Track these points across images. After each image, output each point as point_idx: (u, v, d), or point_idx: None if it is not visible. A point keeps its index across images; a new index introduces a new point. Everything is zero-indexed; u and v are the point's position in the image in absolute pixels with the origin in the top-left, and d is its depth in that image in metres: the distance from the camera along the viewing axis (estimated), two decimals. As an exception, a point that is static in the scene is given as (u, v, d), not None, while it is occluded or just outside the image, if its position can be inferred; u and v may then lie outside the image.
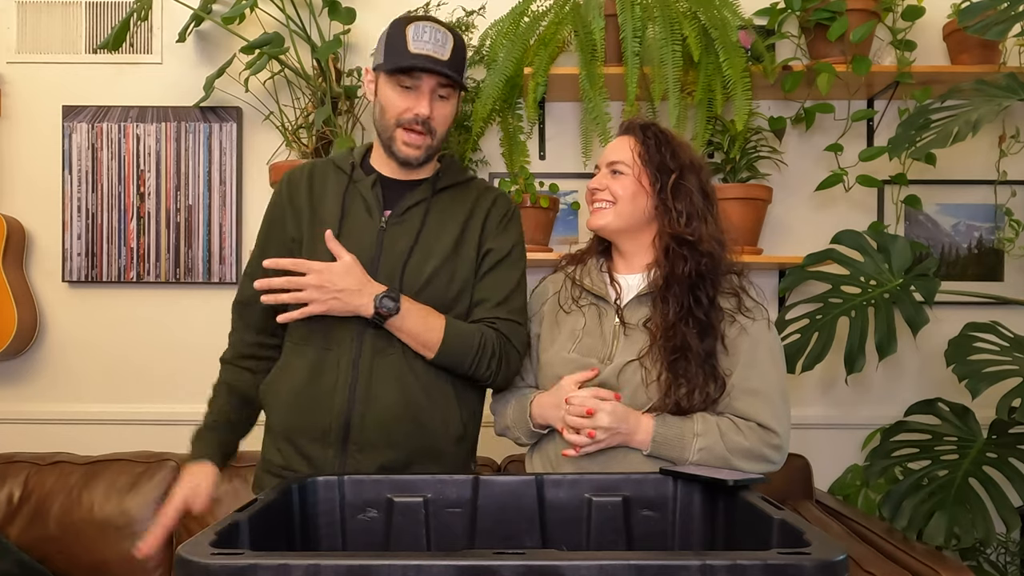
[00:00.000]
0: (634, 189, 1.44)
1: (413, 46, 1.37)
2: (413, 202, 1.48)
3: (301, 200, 1.49)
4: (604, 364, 1.42)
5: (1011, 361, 1.85)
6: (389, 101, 1.42)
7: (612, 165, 1.47)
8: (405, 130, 1.42)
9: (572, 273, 1.54)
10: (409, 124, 1.41)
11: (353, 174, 1.50)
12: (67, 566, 2.14)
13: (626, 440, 1.36)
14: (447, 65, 1.39)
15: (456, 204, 1.51)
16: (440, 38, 1.39)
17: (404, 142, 1.43)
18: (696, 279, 1.39)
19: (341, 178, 1.50)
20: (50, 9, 2.55)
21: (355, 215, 1.46)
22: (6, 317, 2.38)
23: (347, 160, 1.52)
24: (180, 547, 0.77)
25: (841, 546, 0.77)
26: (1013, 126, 2.44)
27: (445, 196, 1.51)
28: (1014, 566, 2.27)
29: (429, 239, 1.46)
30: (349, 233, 1.44)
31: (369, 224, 1.46)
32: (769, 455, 1.38)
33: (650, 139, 1.46)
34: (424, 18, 1.41)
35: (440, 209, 1.49)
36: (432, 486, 1.15)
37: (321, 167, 1.54)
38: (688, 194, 1.43)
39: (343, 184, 1.49)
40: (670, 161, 1.44)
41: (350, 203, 1.47)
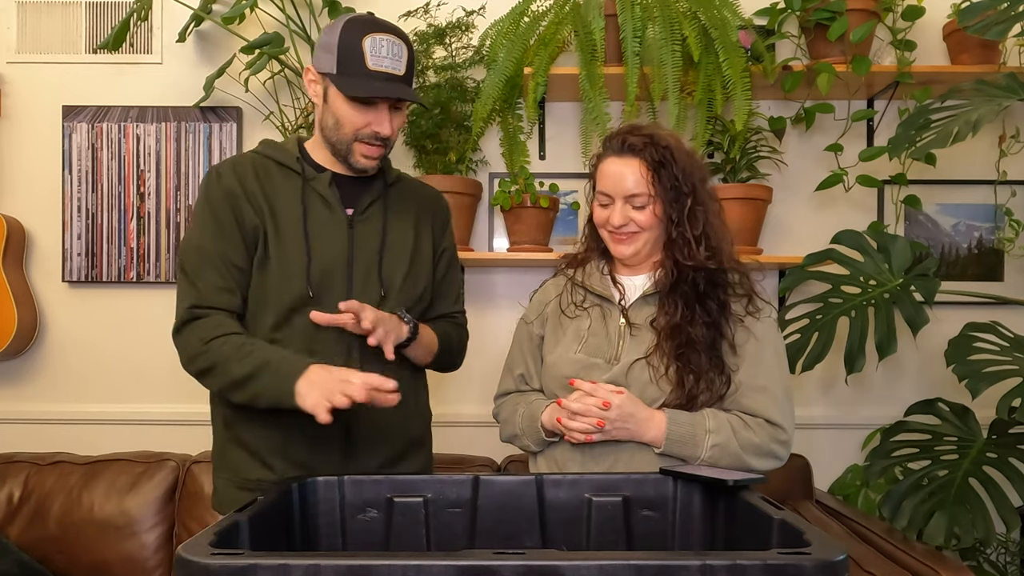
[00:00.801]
0: (653, 220, 1.42)
1: (371, 62, 1.34)
2: (371, 199, 1.49)
3: (256, 193, 1.43)
4: (611, 364, 1.42)
5: (1011, 361, 1.85)
6: (345, 116, 1.39)
7: (631, 199, 1.41)
8: (363, 144, 1.41)
9: (573, 276, 1.54)
10: (368, 139, 1.41)
11: (305, 172, 1.46)
12: (67, 566, 2.14)
13: (635, 435, 1.36)
14: (405, 80, 1.38)
15: (406, 201, 1.54)
16: (396, 51, 1.36)
17: (363, 155, 1.42)
18: (707, 288, 1.40)
19: (291, 176, 1.46)
20: (50, 9, 2.55)
21: (316, 214, 1.44)
22: (6, 317, 2.38)
23: (290, 156, 1.47)
24: (180, 547, 0.77)
25: (841, 546, 0.77)
26: (1013, 126, 2.44)
27: (394, 192, 1.54)
28: (1014, 566, 2.27)
29: (394, 238, 1.49)
30: (316, 233, 1.43)
31: (333, 223, 1.45)
32: (778, 451, 1.39)
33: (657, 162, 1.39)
34: (378, 27, 1.37)
35: (395, 206, 1.52)
36: (432, 486, 1.15)
37: (260, 161, 1.48)
38: (703, 215, 1.41)
39: (297, 182, 1.45)
40: (683, 185, 1.39)
41: (310, 202, 1.45)
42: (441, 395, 2.53)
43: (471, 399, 2.48)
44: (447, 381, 2.52)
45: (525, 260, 2.35)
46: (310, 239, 1.41)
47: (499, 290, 2.52)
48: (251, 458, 1.44)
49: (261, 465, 1.44)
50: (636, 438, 1.36)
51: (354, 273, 1.43)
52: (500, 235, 2.52)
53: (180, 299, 1.42)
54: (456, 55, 2.42)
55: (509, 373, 1.60)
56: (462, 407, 2.50)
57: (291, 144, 1.51)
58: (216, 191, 1.43)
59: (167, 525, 2.19)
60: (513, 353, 1.61)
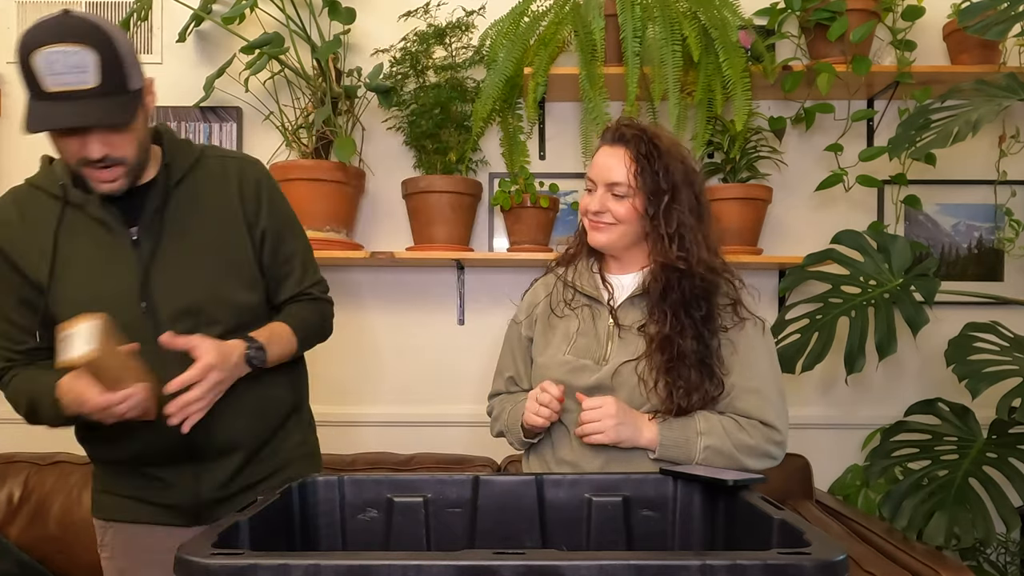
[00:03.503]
0: (640, 211, 1.41)
1: (49, 83, 1.13)
2: (154, 209, 1.32)
3: (17, 239, 1.29)
4: (599, 365, 1.42)
5: (1011, 361, 1.85)
6: (55, 145, 1.22)
7: (611, 187, 1.41)
8: (90, 169, 1.23)
9: (563, 275, 1.54)
10: (91, 165, 1.22)
11: (68, 197, 1.29)
12: (67, 566, 2.14)
13: (633, 437, 1.36)
14: (101, 91, 1.15)
15: (199, 197, 1.37)
16: (75, 61, 1.13)
17: (98, 180, 1.24)
18: (690, 298, 1.38)
19: (54, 203, 1.30)
20: (50, 9, 2.53)
21: (93, 239, 1.29)
22: (6, 317, 2.38)
23: (55, 182, 1.30)
24: (180, 547, 0.77)
25: (841, 546, 0.77)
26: (1013, 126, 2.44)
27: (181, 193, 1.35)
28: (1014, 566, 2.27)
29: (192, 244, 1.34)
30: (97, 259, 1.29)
31: (115, 245, 1.30)
32: (772, 451, 1.39)
33: (643, 155, 1.39)
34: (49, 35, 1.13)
35: (182, 210, 1.35)
36: (432, 486, 1.14)
37: (26, 194, 1.33)
38: (680, 216, 1.39)
39: (56, 209, 1.29)
40: (663, 181, 1.39)
41: (71, 229, 1.28)
42: (441, 395, 2.53)
43: (470, 399, 2.48)
44: (447, 381, 2.53)
45: (525, 260, 2.36)
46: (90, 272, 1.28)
47: (499, 290, 2.52)
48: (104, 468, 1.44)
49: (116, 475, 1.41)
50: (634, 440, 1.36)
51: (153, 297, 1.30)
52: (500, 235, 2.52)
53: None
54: (456, 55, 2.42)
55: (500, 375, 1.61)
56: (462, 407, 2.50)
57: (60, 167, 1.32)
58: None
59: (167, 525, 2.19)
60: (503, 355, 1.61)
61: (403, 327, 2.53)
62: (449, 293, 2.53)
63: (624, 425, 1.35)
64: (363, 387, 2.52)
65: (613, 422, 1.34)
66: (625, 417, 1.35)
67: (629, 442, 1.36)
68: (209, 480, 1.39)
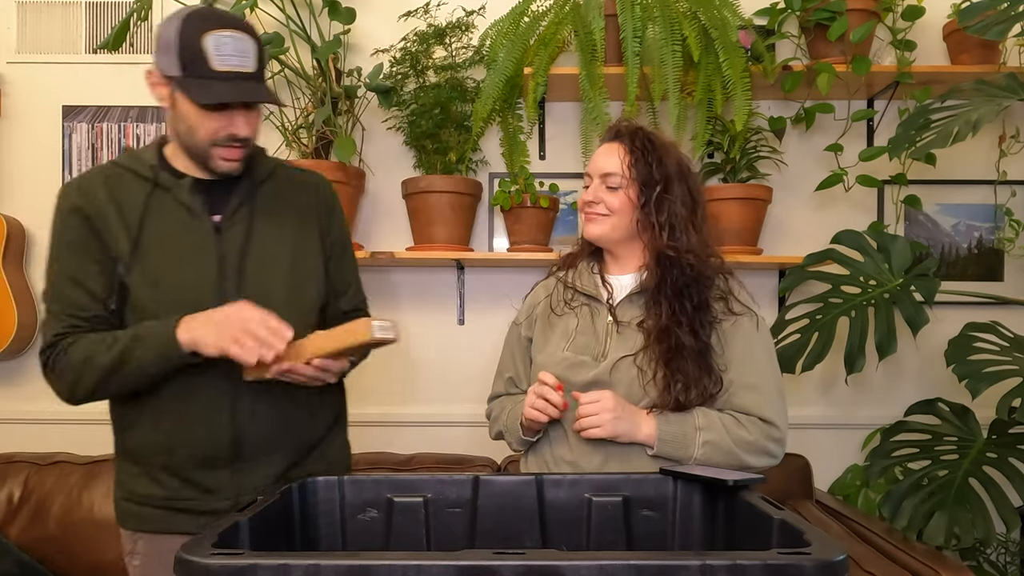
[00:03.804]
0: (626, 203, 1.44)
1: (216, 63, 1.24)
2: (239, 202, 1.38)
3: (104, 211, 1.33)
4: (598, 361, 1.42)
5: (1011, 361, 1.85)
6: (197, 122, 1.29)
7: (605, 178, 1.45)
8: (222, 147, 1.31)
9: (563, 277, 1.55)
10: (226, 143, 1.31)
11: (158, 179, 1.36)
12: (67, 566, 2.14)
13: (631, 432, 1.36)
14: (256, 77, 1.28)
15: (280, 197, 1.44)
16: (242, 46, 1.26)
17: (222, 158, 1.33)
18: (682, 286, 1.40)
19: (143, 184, 1.36)
20: (50, 9, 2.55)
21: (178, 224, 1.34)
22: (6, 317, 2.38)
23: (144, 164, 1.37)
24: (180, 547, 0.77)
25: (841, 546, 0.77)
26: (1013, 126, 2.44)
27: (266, 190, 1.43)
28: (1014, 566, 2.27)
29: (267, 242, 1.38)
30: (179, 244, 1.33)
31: (198, 233, 1.35)
32: (772, 448, 1.39)
33: (638, 148, 1.44)
34: (220, 22, 1.26)
35: (266, 206, 1.41)
36: (432, 486, 1.14)
37: (113, 173, 1.37)
38: (671, 206, 1.42)
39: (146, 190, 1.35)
40: (656, 172, 1.42)
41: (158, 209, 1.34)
42: (441, 395, 2.53)
43: (470, 399, 2.48)
44: (447, 381, 2.53)
45: (525, 260, 2.36)
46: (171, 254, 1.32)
47: (499, 290, 2.52)
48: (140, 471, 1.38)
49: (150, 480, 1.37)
50: (631, 434, 1.36)
51: (226, 287, 1.33)
52: (500, 235, 2.52)
53: (43, 335, 1.35)
54: (456, 55, 2.42)
55: (500, 377, 1.61)
56: (461, 407, 2.50)
57: (150, 151, 1.39)
58: (62, 216, 1.35)
59: (167, 525, 2.19)
60: (503, 356, 1.62)
61: (403, 327, 2.53)
62: (449, 293, 2.53)
63: (622, 419, 1.35)
64: (363, 387, 2.52)
65: (611, 416, 1.34)
66: (623, 411, 1.35)
67: (627, 436, 1.36)
68: (249, 484, 1.36)
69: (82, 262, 1.33)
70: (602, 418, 1.34)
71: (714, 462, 1.34)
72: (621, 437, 1.36)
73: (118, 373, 1.29)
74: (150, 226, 1.33)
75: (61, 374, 1.33)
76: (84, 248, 1.33)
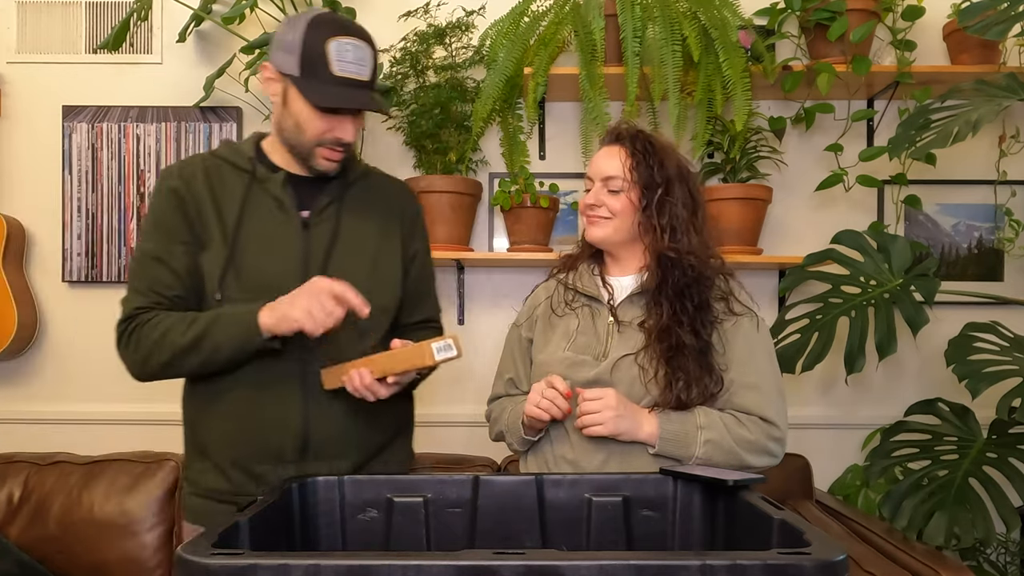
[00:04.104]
0: (627, 206, 1.45)
1: (336, 68, 1.29)
2: (329, 200, 1.43)
3: (201, 198, 1.38)
4: (599, 361, 1.42)
5: (1011, 361, 1.85)
6: (307, 121, 1.34)
7: (607, 181, 1.46)
8: (326, 148, 1.37)
9: (564, 278, 1.55)
10: (331, 145, 1.37)
11: (255, 172, 1.41)
12: (67, 566, 2.14)
13: (633, 430, 1.36)
14: (369, 86, 1.34)
15: (369, 200, 1.48)
16: (362, 55, 1.32)
17: (325, 158, 1.38)
18: (683, 287, 1.41)
19: (241, 176, 1.41)
20: (50, 9, 2.55)
21: (267, 217, 1.39)
22: (6, 317, 2.38)
23: (242, 156, 1.43)
24: (180, 547, 0.77)
25: (841, 546, 0.77)
26: (1013, 126, 2.44)
27: (356, 191, 1.47)
28: (1014, 566, 2.27)
29: (352, 241, 1.42)
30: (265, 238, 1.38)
31: (285, 226, 1.39)
32: (772, 448, 1.39)
33: (639, 151, 1.44)
34: (344, 29, 1.32)
35: (354, 206, 1.46)
36: (432, 486, 1.15)
37: (212, 163, 1.43)
38: (672, 208, 1.43)
39: (244, 182, 1.40)
40: (657, 175, 1.43)
41: (255, 201, 1.39)
42: (441, 395, 2.53)
43: (471, 399, 2.48)
44: (447, 381, 2.52)
45: (525, 260, 2.36)
46: (258, 245, 1.36)
47: (499, 290, 2.52)
48: (209, 465, 1.42)
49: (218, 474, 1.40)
50: (633, 433, 1.36)
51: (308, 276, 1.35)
52: (500, 235, 2.52)
53: (123, 308, 1.38)
54: (456, 55, 2.42)
55: (500, 378, 1.62)
56: (462, 407, 2.50)
57: (248, 144, 1.45)
58: (160, 196, 1.39)
59: (167, 525, 2.19)
60: (504, 358, 1.62)
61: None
62: (449, 293, 2.52)
63: (623, 418, 1.35)
64: (363, 387, 2.52)
65: (612, 414, 1.34)
66: (625, 410, 1.35)
67: (628, 435, 1.36)
68: None
69: (169, 243, 1.37)
70: (604, 416, 1.34)
71: (715, 461, 1.34)
72: (623, 436, 1.36)
73: (194, 351, 1.31)
74: (241, 216, 1.38)
75: (136, 347, 1.36)
76: (174, 229, 1.37)
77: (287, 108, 1.36)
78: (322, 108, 1.31)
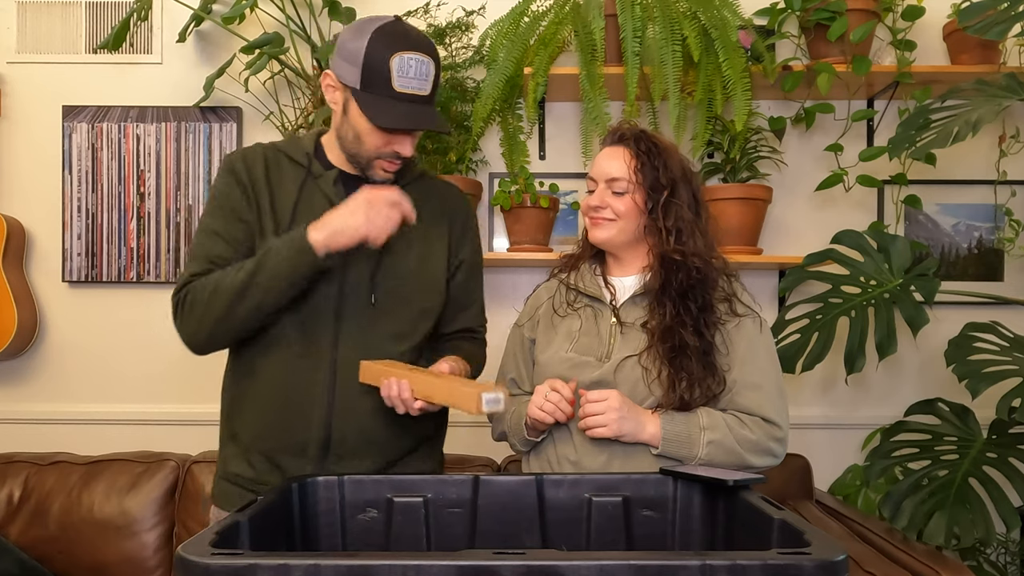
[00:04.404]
0: (632, 208, 1.45)
1: (398, 83, 1.29)
2: None
3: (260, 185, 1.41)
4: (602, 362, 1.42)
5: (1011, 361, 1.85)
6: (366, 135, 1.35)
7: (611, 183, 1.45)
8: (384, 160, 1.38)
9: (566, 278, 1.55)
10: (390, 158, 1.38)
11: (311, 167, 1.43)
12: (67, 566, 2.14)
13: (636, 431, 1.36)
14: (429, 100, 1.34)
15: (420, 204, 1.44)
16: (424, 70, 1.31)
17: (383, 169, 1.40)
18: (687, 288, 1.41)
19: (297, 170, 1.43)
20: (50, 9, 2.55)
21: (314, 210, 1.38)
22: (6, 317, 2.38)
23: (300, 151, 1.45)
24: (180, 547, 0.77)
25: (841, 546, 0.77)
26: (1013, 126, 2.44)
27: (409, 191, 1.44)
28: (1014, 566, 2.27)
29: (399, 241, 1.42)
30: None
31: None
32: (774, 448, 1.39)
33: (643, 152, 1.44)
34: (409, 43, 1.31)
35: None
36: (432, 486, 1.15)
37: (272, 154, 1.45)
38: (678, 210, 1.43)
39: (300, 176, 1.42)
40: (662, 176, 1.43)
41: (308, 197, 1.41)
42: (441, 395, 2.53)
43: (471, 399, 2.48)
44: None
45: (525, 260, 2.35)
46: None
47: (499, 290, 2.52)
48: (238, 450, 1.44)
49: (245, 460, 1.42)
50: (636, 434, 1.36)
51: (346, 277, 1.39)
52: (500, 235, 2.52)
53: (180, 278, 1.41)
54: (456, 55, 2.42)
55: (502, 378, 1.61)
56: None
57: (308, 139, 1.47)
58: (223, 176, 1.42)
59: (167, 525, 2.19)
60: (505, 358, 1.62)
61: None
62: (449, 293, 2.52)
63: (627, 419, 1.35)
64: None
65: (616, 415, 1.34)
66: (628, 412, 1.36)
67: (631, 436, 1.36)
68: None
69: (229, 221, 1.39)
70: (608, 417, 1.34)
71: (717, 462, 1.34)
72: (625, 437, 1.36)
73: (249, 290, 1.31)
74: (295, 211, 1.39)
75: (191, 308, 1.36)
76: (234, 210, 1.39)
77: (347, 118, 1.36)
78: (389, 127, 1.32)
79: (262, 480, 1.40)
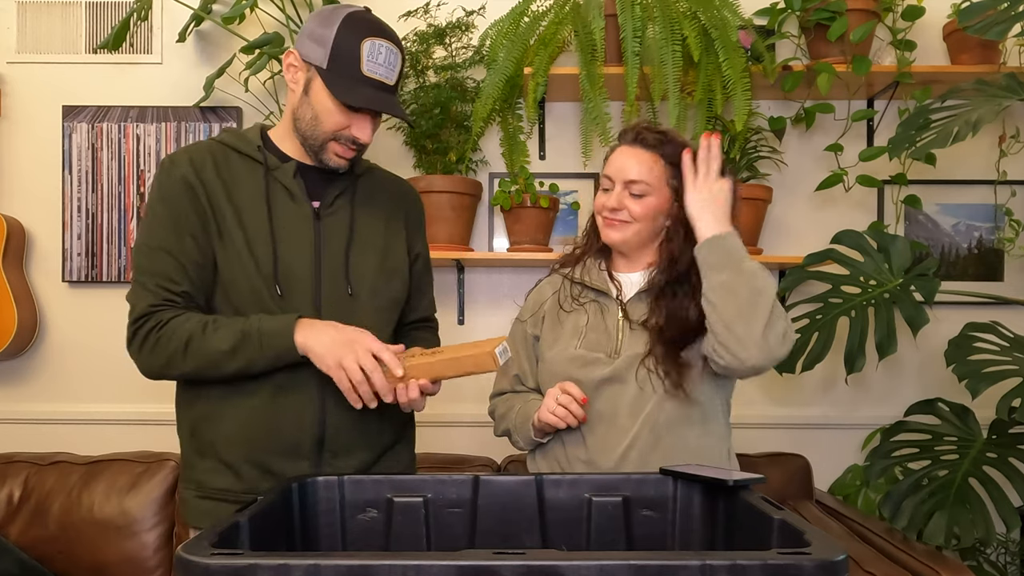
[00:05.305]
0: (656, 211, 1.44)
1: (367, 67, 1.29)
2: (338, 191, 1.42)
3: (213, 185, 1.34)
4: (612, 359, 1.42)
5: (1011, 361, 1.85)
6: (327, 114, 1.32)
7: (630, 185, 1.43)
8: (339, 144, 1.35)
9: (570, 273, 1.54)
10: (345, 142, 1.35)
11: (267, 161, 1.38)
12: (67, 566, 2.14)
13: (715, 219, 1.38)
14: (393, 91, 1.34)
15: (377, 195, 1.48)
16: (392, 59, 1.32)
17: (336, 154, 1.36)
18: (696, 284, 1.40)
19: (253, 165, 1.38)
20: (50, 9, 2.55)
21: (280, 206, 1.36)
22: (6, 317, 2.38)
23: (249, 144, 1.39)
24: (180, 547, 0.77)
25: (841, 546, 0.77)
26: (1013, 126, 2.44)
27: (364, 184, 1.47)
28: (1014, 566, 2.27)
29: (364, 232, 1.42)
30: (280, 227, 1.36)
31: (298, 216, 1.37)
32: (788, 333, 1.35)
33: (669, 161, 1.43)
34: (379, 31, 1.31)
35: (364, 199, 1.46)
36: (432, 486, 1.14)
37: (219, 149, 1.38)
38: None
39: (259, 172, 1.37)
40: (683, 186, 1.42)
41: (273, 193, 1.37)
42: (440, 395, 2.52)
43: (470, 399, 2.48)
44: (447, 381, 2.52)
45: (525, 260, 2.36)
46: (276, 234, 1.34)
47: (499, 290, 2.52)
48: (217, 464, 1.37)
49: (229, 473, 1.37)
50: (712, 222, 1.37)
51: (322, 270, 1.37)
52: (500, 235, 2.52)
53: (133, 304, 1.35)
54: (456, 55, 2.42)
55: (505, 374, 1.60)
56: (461, 407, 2.50)
57: (253, 132, 1.42)
58: (169, 182, 1.33)
59: (167, 525, 2.19)
60: None
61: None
62: (449, 293, 2.52)
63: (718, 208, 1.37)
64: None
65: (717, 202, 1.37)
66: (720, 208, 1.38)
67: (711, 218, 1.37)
68: None
69: (178, 236, 1.32)
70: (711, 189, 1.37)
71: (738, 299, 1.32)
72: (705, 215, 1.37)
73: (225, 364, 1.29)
74: (254, 206, 1.35)
75: (153, 350, 1.33)
76: (183, 221, 1.33)
77: (307, 98, 1.33)
78: (346, 104, 1.30)
79: (252, 489, 1.34)
